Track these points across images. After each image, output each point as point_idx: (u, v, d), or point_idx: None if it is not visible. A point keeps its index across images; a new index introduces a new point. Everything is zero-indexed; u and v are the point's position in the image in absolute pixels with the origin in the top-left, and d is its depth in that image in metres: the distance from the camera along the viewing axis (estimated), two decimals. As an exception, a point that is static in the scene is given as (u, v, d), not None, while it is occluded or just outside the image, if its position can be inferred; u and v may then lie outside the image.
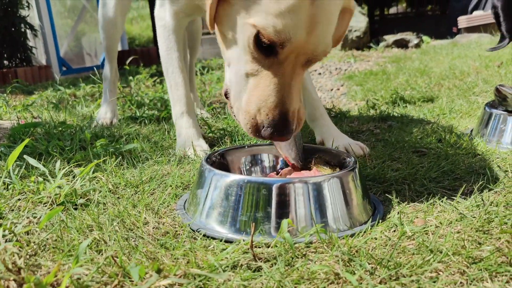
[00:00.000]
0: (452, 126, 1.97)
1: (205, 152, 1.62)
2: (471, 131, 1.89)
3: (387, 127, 2.07)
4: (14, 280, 0.82)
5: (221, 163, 1.31)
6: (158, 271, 0.78)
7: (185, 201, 1.24)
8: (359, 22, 6.40)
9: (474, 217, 1.09)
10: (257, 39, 1.09)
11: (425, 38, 6.46)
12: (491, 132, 1.75)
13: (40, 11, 6.02)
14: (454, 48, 5.17)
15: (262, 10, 1.07)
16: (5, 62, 5.46)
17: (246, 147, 1.39)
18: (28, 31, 5.65)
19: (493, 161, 1.50)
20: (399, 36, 6.33)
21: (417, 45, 6.04)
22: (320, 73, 4.76)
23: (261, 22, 1.06)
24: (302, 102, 1.21)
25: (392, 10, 11.75)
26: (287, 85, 1.12)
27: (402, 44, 6.14)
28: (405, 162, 1.53)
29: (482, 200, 1.17)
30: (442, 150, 1.63)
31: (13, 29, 5.40)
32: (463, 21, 6.23)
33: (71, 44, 6.71)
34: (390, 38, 6.29)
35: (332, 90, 3.84)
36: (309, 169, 1.28)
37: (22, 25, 5.52)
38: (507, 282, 0.84)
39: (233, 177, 1.11)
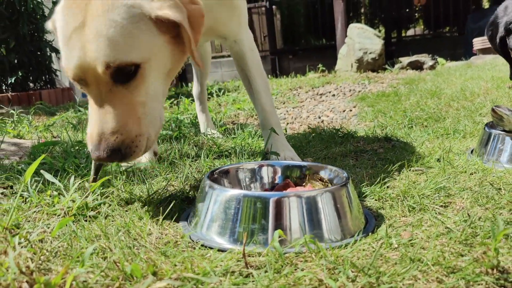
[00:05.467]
0: (452, 146, 2.02)
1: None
2: (472, 150, 1.93)
3: (391, 147, 2.13)
4: (27, 281, 0.91)
5: (223, 179, 1.39)
6: (154, 274, 0.86)
7: (189, 215, 1.32)
8: (374, 44, 6.49)
9: (461, 231, 1.14)
10: None
11: (440, 59, 6.50)
12: (491, 151, 1.80)
13: (64, 35, 6.27)
14: (468, 70, 5.20)
15: (60, 47, 1.26)
16: (31, 84, 5.69)
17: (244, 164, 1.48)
18: (53, 55, 5.89)
19: (488, 179, 1.55)
20: (414, 58, 6.39)
21: (432, 67, 6.08)
22: (334, 95, 4.84)
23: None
24: (144, 127, 1.26)
25: (410, 32, 11.82)
26: (101, 109, 1.22)
27: (417, 66, 6.20)
28: (402, 180, 1.59)
29: (469, 215, 1.23)
30: (440, 168, 1.68)
31: (38, 53, 5.64)
32: (478, 42, 6.27)
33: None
34: (405, 60, 6.35)
35: (344, 111, 3.91)
36: (303, 185, 1.35)
37: (48, 49, 5.75)
38: (482, 290, 0.90)
39: (232, 192, 1.19)
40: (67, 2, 1.23)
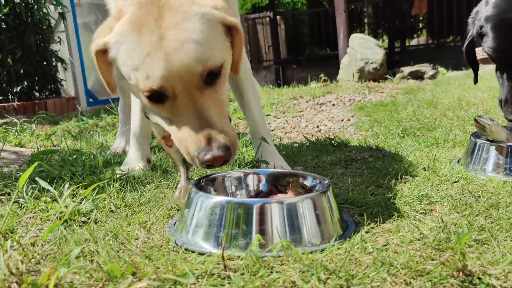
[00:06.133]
0: (440, 155, 2.06)
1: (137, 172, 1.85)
2: (459, 160, 1.98)
3: (381, 156, 2.18)
4: (16, 282, 0.96)
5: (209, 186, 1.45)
6: (133, 274, 0.92)
7: (176, 221, 1.37)
8: (375, 54, 6.54)
9: (433, 236, 1.19)
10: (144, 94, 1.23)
11: (441, 69, 6.55)
12: (476, 160, 1.84)
13: (70, 46, 6.39)
14: (467, 79, 5.24)
15: (130, 69, 1.23)
16: (36, 94, 5.79)
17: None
18: (59, 65, 5.99)
19: (469, 187, 1.59)
20: (415, 67, 6.45)
21: (433, 77, 6.13)
22: (333, 104, 4.89)
23: (133, 80, 1.22)
24: (229, 120, 1.30)
25: (414, 42, 11.89)
26: (197, 112, 1.22)
27: (417, 75, 6.25)
28: (386, 188, 1.63)
29: (443, 221, 1.27)
30: (425, 177, 1.73)
31: (44, 63, 5.74)
32: (479, 52, 6.30)
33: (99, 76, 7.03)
34: (406, 70, 6.41)
35: (342, 120, 3.96)
36: (286, 192, 1.40)
37: (53, 59, 5.86)
38: (447, 292, 0.95)
39: (216, 199, 1.25)
40: (132, 25, 1.23)
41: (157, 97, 1.23)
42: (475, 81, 2.15)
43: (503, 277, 0.98)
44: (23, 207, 1.45)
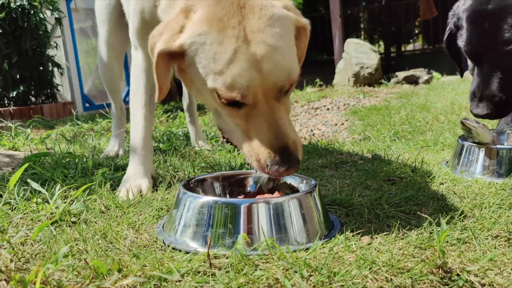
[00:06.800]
0: (429, 158, 2.09)
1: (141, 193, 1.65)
2: (447, 162, 2.00)
3: (371, 159, 2.20)
4: (5, 280, 0.98)
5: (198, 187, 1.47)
6: (119, 270, 0.94)
7: (165, 221, 1.39)
8: (370, 59, 6.58)
9: (416, 235, 1.21)
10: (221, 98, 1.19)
11: (435, 74, 6.60)
12: (463, 162, 1.87)
13: (66, 51, 6.41)
14: (461, 84, 5.29)
15: (210, 72, 1.16)
16: (33, 98, 5.81)
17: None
18: (55, 70, 6.01)
19: (455, 188, 1.62)
20: (410, 72, 6.49)
21: (427, 81, 6.17)
22: (328, 109, 4.93)
23: (213, 84, 1.17)
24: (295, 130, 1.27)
25: (409, 47, 11.97)
26: (274, 122, 1.19)
27: (412, 80, 6.29)
28: (374, 190, 1.66)
29: (426, 220, 1.30)
30: (412, 179, 1.75)
31: (41, 68, 5.76)
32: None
33: (95, 81, 7.06)
34: (401, 75, 6.45)
35: (336, 125, 3.99)
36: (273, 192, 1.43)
37: (50, 64, 5.88)
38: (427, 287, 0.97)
39: (204, 199, 1.27)
40: (213, 24, 1.17)
41: (234, 103, 1.19)
42: (461, 74, 2.19)
43: (481, 274, 1.01)
44: (15, 208, 1.47)
